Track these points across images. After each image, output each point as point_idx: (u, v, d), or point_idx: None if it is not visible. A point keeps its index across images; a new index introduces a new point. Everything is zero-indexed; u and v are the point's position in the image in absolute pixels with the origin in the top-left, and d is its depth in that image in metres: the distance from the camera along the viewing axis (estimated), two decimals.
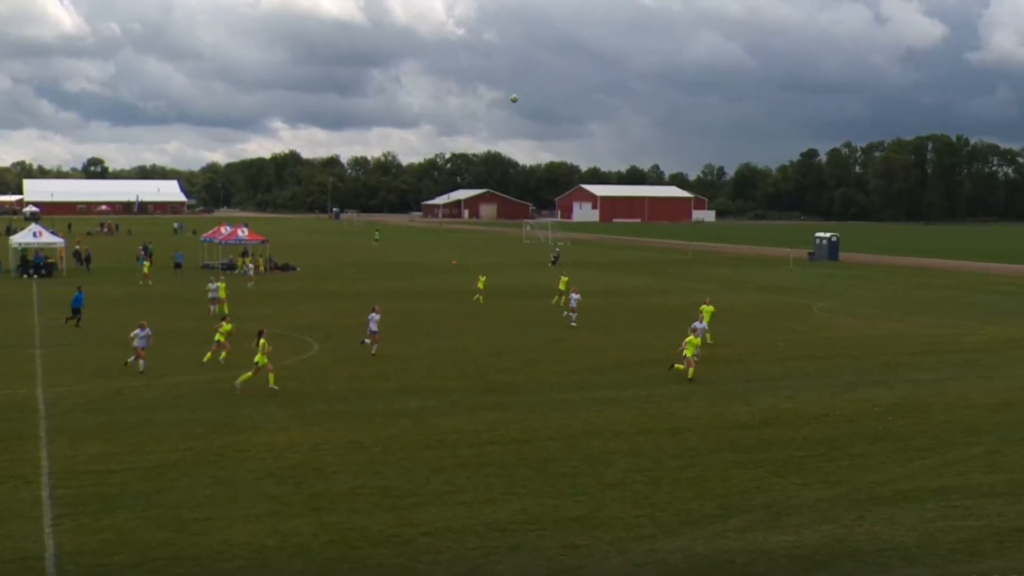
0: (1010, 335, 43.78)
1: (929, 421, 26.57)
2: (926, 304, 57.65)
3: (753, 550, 16.63)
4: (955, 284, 73.23)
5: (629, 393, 29.81)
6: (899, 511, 18.79)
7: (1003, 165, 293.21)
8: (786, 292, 64.22)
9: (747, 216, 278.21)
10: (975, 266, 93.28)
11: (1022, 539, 17.32)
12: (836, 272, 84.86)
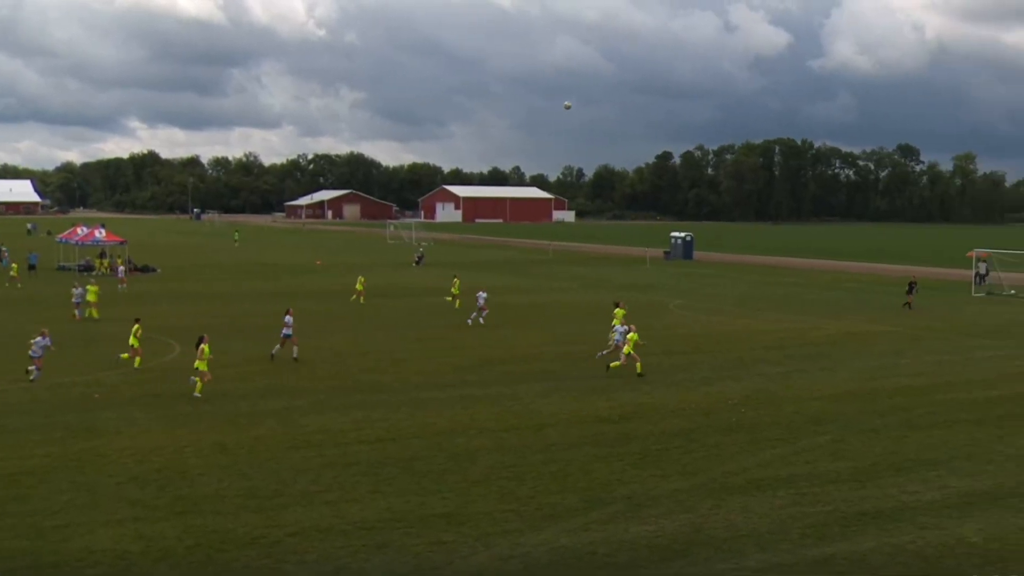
0: (851, 329, 45.43)
1: (779, 412, 27.37)
2: (775, 301, 59.39)
3: (614, 541, 16.87)
4: (801, 281, 75.63)
5: (493, 391, 29.90)
6: (752, 499, 19.30)
7: (844, 168, 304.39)
8: (643, 290, 65.34)
9: (606, 216, 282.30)
10: (819, 264, 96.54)
11: (866, 523, 17.97)
12: (691, 270, 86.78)
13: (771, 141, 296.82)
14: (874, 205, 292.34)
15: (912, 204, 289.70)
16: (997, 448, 23.55)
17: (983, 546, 16.83)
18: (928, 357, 37.40)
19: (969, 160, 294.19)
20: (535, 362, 35.36)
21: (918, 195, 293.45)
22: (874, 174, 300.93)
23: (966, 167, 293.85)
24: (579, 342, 40.14)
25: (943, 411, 27.71)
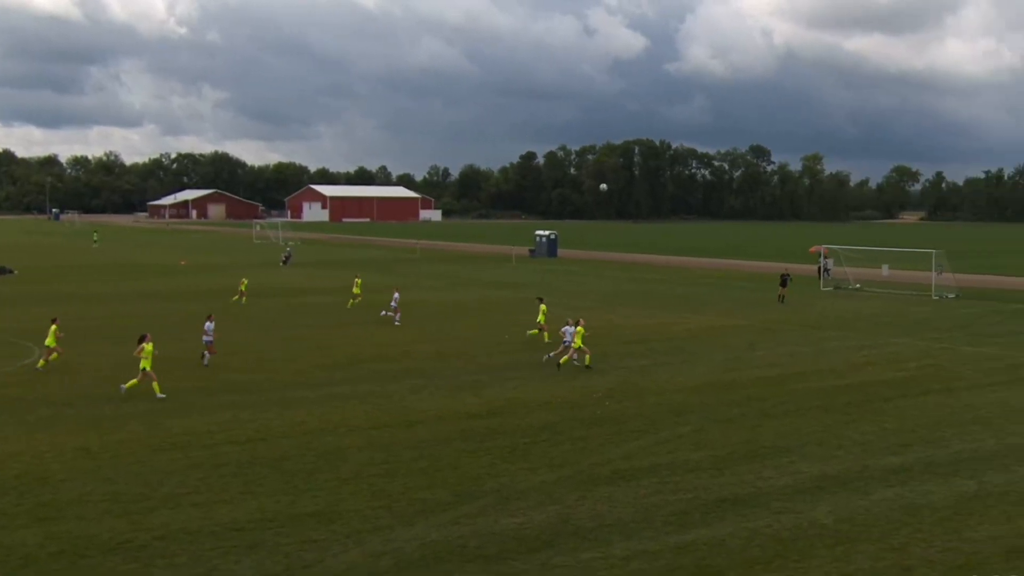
0: (710, 323, 46.56)
1: (642, 404, 27.87)
2: (637, 297, 60.43)
3: (484, 533, 16.95)
4: (662, 278, 77.11)
5: (363, 389, 29.69)
6: (617, 489, 19.62)
7: (701, 168, 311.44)
8: (510, 288, 65.71)
9: (472, 215, 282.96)
10: (679, 260, 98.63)
11: (724, 508, 18.46)
12: (555, 268, 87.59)
13: (631, 142, 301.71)
14: (729, 204, 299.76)
15: (764, 203, 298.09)
16: (845, 434, 24.45)
17: (833, 527, 17.45)
18: (780, 349, 38.57)
19: (816, 161, 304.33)
20: (404, 360, 35.23)
21: (769, 194, 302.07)
22: (728, 174, 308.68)
23: (814, 167, 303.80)
24: (447, 339, 40.21)
25: (795, 400, 28.63)
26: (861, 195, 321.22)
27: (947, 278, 63.66)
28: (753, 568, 15.53)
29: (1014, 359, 36.47)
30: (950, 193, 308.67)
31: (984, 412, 27.19)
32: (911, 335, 43.13)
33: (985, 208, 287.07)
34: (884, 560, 15.88)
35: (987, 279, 73.46)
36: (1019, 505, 18.81)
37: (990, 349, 38.98)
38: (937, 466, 21.57)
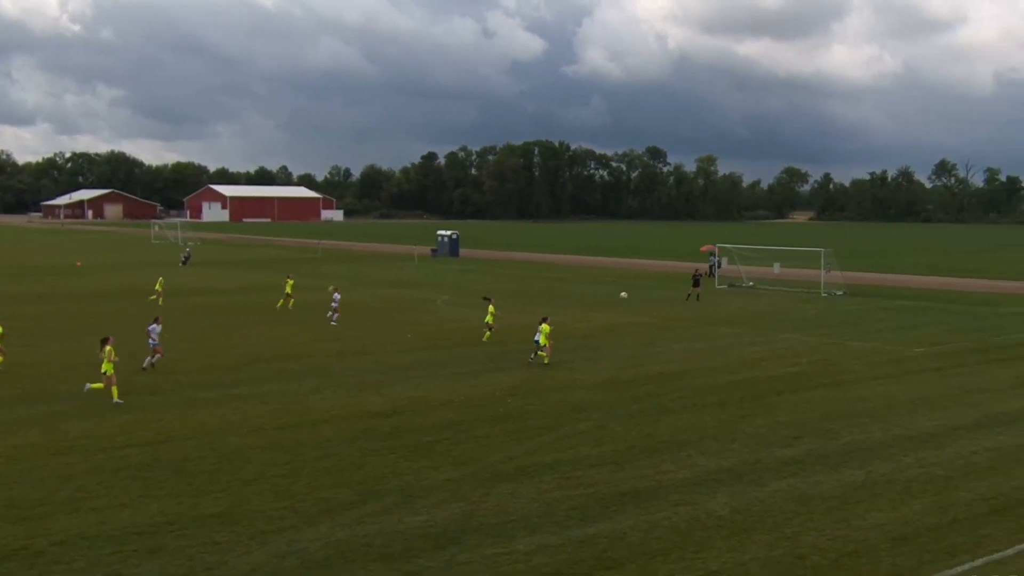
0: (611, 321, 47.03)
1: (544, 401, 28.02)
2: (539, 295, 60.72)
3: (389, 532, 16.86)
4: (563, 276, 77.65)
5: (266, 389, 29.29)
6: (520, 485, 19.70)
7: (599, 168, 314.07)
8: (412, 287, 65.51)
9: (373, 215, 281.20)
10: (580, 260, 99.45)
11: (625, 502, 18.67)
12: (457, 267, 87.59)
13: (530, 143, 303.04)
14: (627, 204, 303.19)
15: (661, 203, 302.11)
16: (740, 428, 24.92)
17: (730, 518, 17.78)
18: (677, 345, 39.15)
19: (710, 162, 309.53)
20: (307, 359, 34.86)
21: (666, 194, 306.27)
22: (626, 175, 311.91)
23: (708, 168, 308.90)
24: (350, 339, 39.91)
25: (692, 395, 29.09)
26: (753, 195, 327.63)
27: (835, 276, 65.37)
28: (653, 559, 15.74)
29: (898, 353, 37.61)
30: (837, 193, 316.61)
31: (871, 404, 27.98)
32: (802, 331, 44.17)
33: (870, 208, 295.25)
34: (778, 549, 16.24)
35: (872, 276, 75.61)
36: (904, 493, 19.40)
37: (876, 344, 40.12)
38: (827, 457, 22.12)
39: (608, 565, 15.51)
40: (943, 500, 19.00)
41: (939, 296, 62.08)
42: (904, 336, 42.70)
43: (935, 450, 22.82)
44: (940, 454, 22.47)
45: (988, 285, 70.76)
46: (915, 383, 31.45)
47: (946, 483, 20.15)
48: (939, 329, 45.38)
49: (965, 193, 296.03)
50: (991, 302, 58.36)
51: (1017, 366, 34.89)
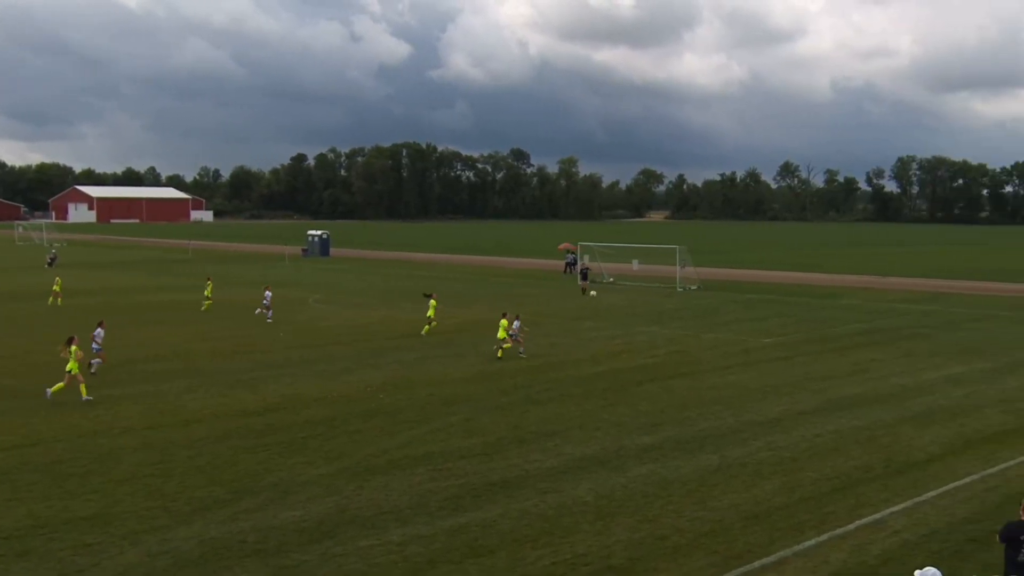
0: (478, 317, 47.13)
1: (415, 396, 27.93)
2: (408, 293, 60.42)
3: (264, 528, 16.56)
4: (432, 275, 77.48)
5: (137, 389, 28.41)
6: (393, 478, 19.59)
7: (465, 170, 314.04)
8: (284, 286, 64.38)
9: (244, 216, 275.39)
10: (447, 258, 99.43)
11: (495, 491, 18.75)
12: (328, 267, 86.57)
13: (399, 144, 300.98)
14: (493, 204, 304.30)
15: (525, 203, 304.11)
16: (603, 417, 25.30)
17: (594, 503, 18.04)
18: (543, 339, 39.46)
19: (572, 164, 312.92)
20: (178, 359, 33.96)
21: (530, 195, 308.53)
22: (492, 176, 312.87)
23: (570, 170, 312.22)
24: (221, 338, 39.06)
25: (558, 387, 29.40)
26: (612, 195, 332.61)
27: (690, 272, 66.91)
28: (523, 546, 15.85)
29: (748, 344, 38.74)
30: (691, 194, 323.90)
31: (724, 393, 28.75)
32: (660, 324, 45.10)
33: (721, 207, 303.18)
34: (640, 531, 16.55)
35: (723, 272, 77.69)
36: (755, 475, 20.00)
37: (727, 336, 41.24)
38: (685, 443, 22.64)
39: (479, 553, 15.56)
40: (791, 480, 19.65)
41: (784, 290, 64.18)
42: (753, 328, 44.00)
43: (783, 434, 23.59)
44: (787, 437, 23.23)
45: (828, 279, 73.48)
46: (763, 372, 32.44)
47: (793, 464, 20.84)
48: (784, 321, 46.92)
49: (807, 193, 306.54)
50: (831, 295, 60.64)
51: (855, 354, 36.33)
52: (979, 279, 72.62)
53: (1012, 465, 20.93)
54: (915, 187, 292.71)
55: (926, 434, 23.68)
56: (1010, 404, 27.31)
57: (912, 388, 29.63)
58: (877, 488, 19.12)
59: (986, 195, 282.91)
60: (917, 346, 38.44)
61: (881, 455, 21.63)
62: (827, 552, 15.64)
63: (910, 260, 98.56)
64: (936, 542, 16.11)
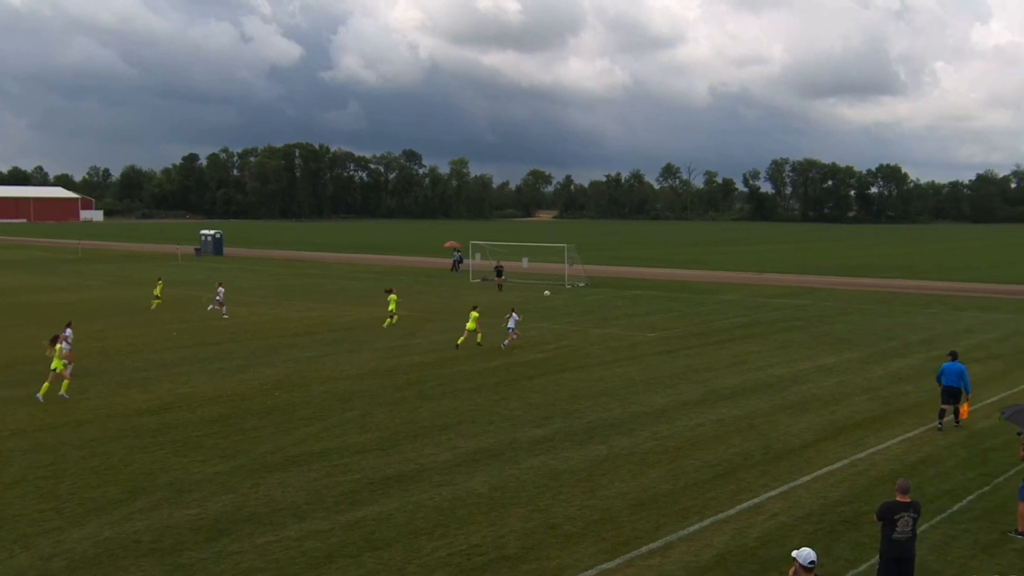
0: (372, 315, 46.79)
1: (310, 393, 27.59)
2: (302, 291, 59.69)
3: (159, 527, 16.16)
4: (325, 273, 76.64)
5: (24, 392, 27.32)
6: (289, 475, 19.33)
7: (358, 170, 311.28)
8: (176, 285, 62.89)
9: (135, 215, 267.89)
10: (340, 257, 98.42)
11: (390, 486, 18.65)
12: (222, 265, 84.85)
13: (291, 145, 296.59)
14: (385, 204, 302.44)
15: (417, 202, 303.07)
16: (495, 411, 25.38)
17: (488, 495, 18.09)
18: (436, 336, 39.41)
19: (463, 164, 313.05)
20: None
21: (422, 194, 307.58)
22: (384, 176, 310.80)
23: (461, 170, 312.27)
24: (113, 337, 37.93)
25: (451, 382, 29.38)
26: (503, 195, 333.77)
27: (577, 269, 67.61)
28: (418, 538, 15.81)
29: (633, 338, 39.33)
30: (578, 194, 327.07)
31: (611, 385, 29.13)
32: (549, 320, 45.45)
33: (607, 206, 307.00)
34: (533, 520, 16.66)
35: (610, 269, 78.71)
36: (642, 464, 20.32)
37: (614, 330, 41.79)
38: (574, 435, 22.87)
39: (376, 546, 15.46)
40: (675, 468, 20.03)
41: (667, 286, 65.35)
42: (638, 323, 44.68)
43: (667, 424, 24.02)
44: (672, 427, 23.67)
45: (709, 275, 75.08)
46: (649, 365, 32.98)
47: (677, 453, 21.25)
48: (668, 316, 47.77)
49: (688, 193, 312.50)
50: (712, 291, 61.98)
51: (734, 347, 37.21)
52: (847, 275, 75.14)
53: (879, 450, 21.72)
54: (788, 188, 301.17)
55: (801, 421, 24.41)
56: (876, 392, 28.34)
57: (788, 378, 30.49)
58: (756, 474, 19.63)
59: (853, 195, 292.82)
60: (792, 338, 39.58)
61: (760, 442, 22.22)
62: (710, 536, 15.99)
63: (784, 257, 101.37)
64: (811, 523, 16.62)
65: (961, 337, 40.10)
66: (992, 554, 15.24)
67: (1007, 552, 15.31)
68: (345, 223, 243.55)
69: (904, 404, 26.71)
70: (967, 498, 18.07)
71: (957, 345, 36.60)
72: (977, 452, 21.49)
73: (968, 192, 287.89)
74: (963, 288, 64.74)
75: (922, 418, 24.83)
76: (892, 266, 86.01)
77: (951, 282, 69.15)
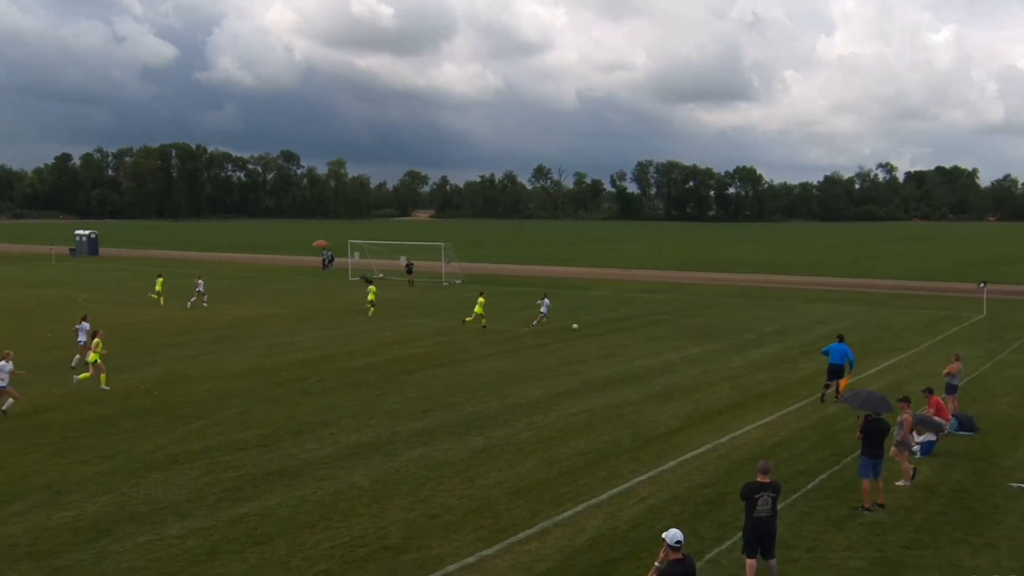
0: (252, 313, 45.91)
1: (191, 392, 26.89)
2: (182, 290, 57.98)
3: (36, 530, 15.52)
4: (204, 272, 74.61)
5: None
6: (171, 473, 18.80)
7: (236, 171, 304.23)
8: (51, 286, 60.50)
9: (6, 216, 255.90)
10: (219, 256, 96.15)
11: (273, 481, 18.33)
12: (97, 266, 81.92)
13: (168, 145, 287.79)
14: (264, 204, 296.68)
15: (296, 202, 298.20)
16: (376, 405, 25.20)
17: (370, 488, 17.96)
18: (316, 334, 38.90)
19: (341, 165, 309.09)
20: None
21: (300, 195, 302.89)
22: (262, 176, 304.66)
23: (339, 171, 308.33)
24: None
25: (332, 378, 29.05)
26: (380, 195, 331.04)
27: (454, 267, 67.66)
28: (301, 531, 15.59)
29: (509, 333, 39.58)
30: (453, 194, 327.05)
31: (488, 379, 29.25)
32: (427, 316, 45.37)
33: (482, 206, 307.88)
34: (414, 511, 16.62)
35: (485, 267, 78.97)
36: (518, 454, 20.48)
37: (490, 325, 41.93)
38: (453, 427, 22.89)
39: (260, 541, 15.18)
40: (550, 457, 20.25)
41: (541, 283, 65.92)
42: (513, 318, 44.97)
43: (542, 415, 24.26)
44: (546, 418, 23.92)
45: (580, 272, 76.10)
46: (524, 358, 33.24)
47: (551, 442, 21.49)
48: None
49: (559, 193, 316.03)
50: (583, 286, 62.86)
51: (604, 340, 37.82)
52: (708, 270, 77.22)
53: (739, 434, 22.40)
54: (653, 188, 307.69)
55: (667, 409, 24.99)
56: (736, 381, 29.21)
57: (655, 369, 31.16)
58: (626, 460, 20.01)
59: (713, 195, 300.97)
60: (658, 331, 40.45)
61: (629, 430, 22.65)
62: (584, 521, 16.22)
63: (650, 254, 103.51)
64: (677, 505, 17.03)
65: (813, 328, 41.68)
66: (843, 529, 15.89)
67: (856, 527, 15.99)
68: (224, 223, 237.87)
69: (762, 391, 27.62)
70: (819, 477, 18.80)
71: (810, 335, 38.01)
72: (828, 435, 22.37)
73: (817, 193, 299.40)
74: (813, 282, 67.31)
75: (779, 404, 25.72)
76: (749, 262, 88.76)
77: (802, 276, 71.81)
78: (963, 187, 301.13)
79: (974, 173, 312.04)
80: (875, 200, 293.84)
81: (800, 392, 27.34)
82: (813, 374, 30.12)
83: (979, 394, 27.09)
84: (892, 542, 15.30)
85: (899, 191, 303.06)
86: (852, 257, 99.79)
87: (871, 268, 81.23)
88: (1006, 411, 25.04)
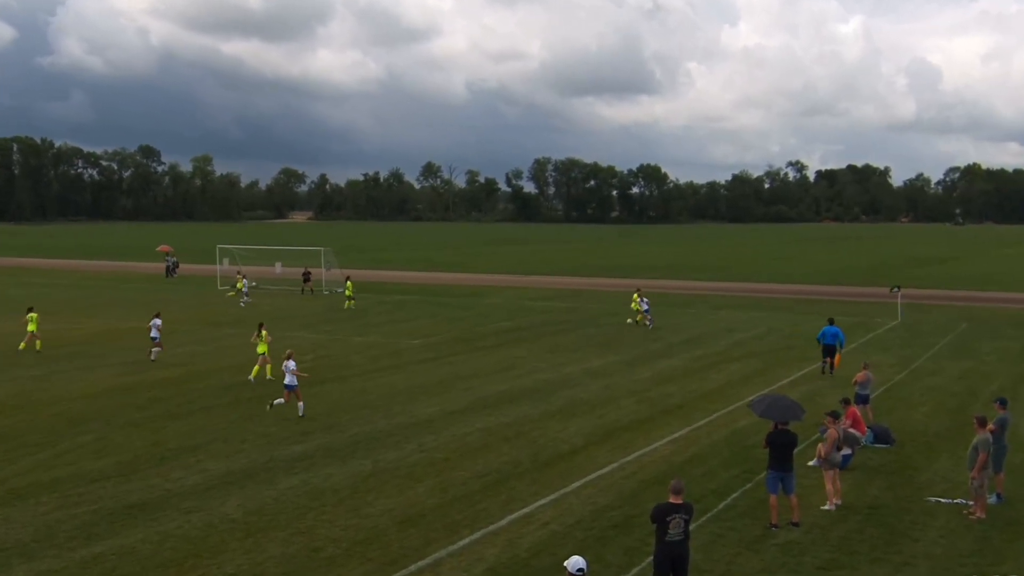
0: (106, 327, 44.66)
1: (38, 417, 26.02)
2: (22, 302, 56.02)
3: None
4: (50, 282, 72.40)
5: None
6: (14, 509, 18.14)
7: (88, 168, 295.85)
8: None
9: None
10: (68, 263, 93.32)
11: (133, 515, 17.85)
12: None
13: (8, 139, 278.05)
14: (120, 204, 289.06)
15: (157, 203, 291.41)
16: (249, 428, 24.79)
17: (244, 520, 17.64)
18: (181, 349, 38.05)
19: (207, 162, 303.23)
20: None
21: (162, 194, 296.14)
22: (118, 174, 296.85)
23: (204, 168, 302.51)
24: None
25: (200, 398, 28.47)
26: (252, 195, 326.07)
27: (336, 273, 66.94)
28: (167, 571, 15.21)
29: (396, 346, 39.40)
30: (334, 194, 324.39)
31: (374, 396, 29.06)
32: (307, 329, 44.82)
33: (366, 207, 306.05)
34: (294, 544, 16.38)
35: (371, 273, 78.47)
36: (408, 478, 20.38)
37: (376, 338, 41.70)
38: (336, 450, 22.65)
39: None
40: (444, 480, 20.21)
41: (432, 290, 65.86)
42: (401, 329, 44.79)
43: (434, 435, 24.20)
44: (438, 438, 23.87)
45: (473, 278, 76.25)
46: (413, 373, 33.13)
47: (445, 465, 21.45)
48: (432, 321, 48.14)
49: (450, 193, 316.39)
50: (476, 294, 62.99)
51: (499, 352, 37.96)
52: (611, 276, 78.23)
53: (646, 452, 22.73)
54: (551, 188, 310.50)
55: (570, 426, 25.20)
56: (642, 395, 29.64)
57: (556, 382, 31.41)
58: (527, 482, 20.10)
59: (616, 196, 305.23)
60: (559, 342, 40.80)
61: (529, 450, 22.76)
62: (481, 549, 16.23)
63: (549, 258, 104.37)
64: (581, 530, 17.18)
65: (722, 336, 42.60)
66: (756, 550, 16.25)
67: (770, 548, 16.37)
68: (74, 226, 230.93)
69: (669, 405, 28.08)
70: (731, 496, 19.20)
71: (719, 344, 38.87)
72: (739, 450, 22.86)
73: (725, 192, 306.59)
74: (722, 287, 68.82)
75: (687, 419, 26.19)
76: (653, 266, 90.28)
77: (708, 282, 73.37)
78: (875, 186, 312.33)
79: (886, 172, 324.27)
80: (785, 200, 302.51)
81: (710, 406, 27.89)
82: (723, 385, 30.80)
83: (894, 404, 28.07)
84: (808, 563, 15.72)
85: (810, 191, 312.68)
86: (762, 261, 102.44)
87: (782, 272, 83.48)
88: (922, 421, 26.00)
